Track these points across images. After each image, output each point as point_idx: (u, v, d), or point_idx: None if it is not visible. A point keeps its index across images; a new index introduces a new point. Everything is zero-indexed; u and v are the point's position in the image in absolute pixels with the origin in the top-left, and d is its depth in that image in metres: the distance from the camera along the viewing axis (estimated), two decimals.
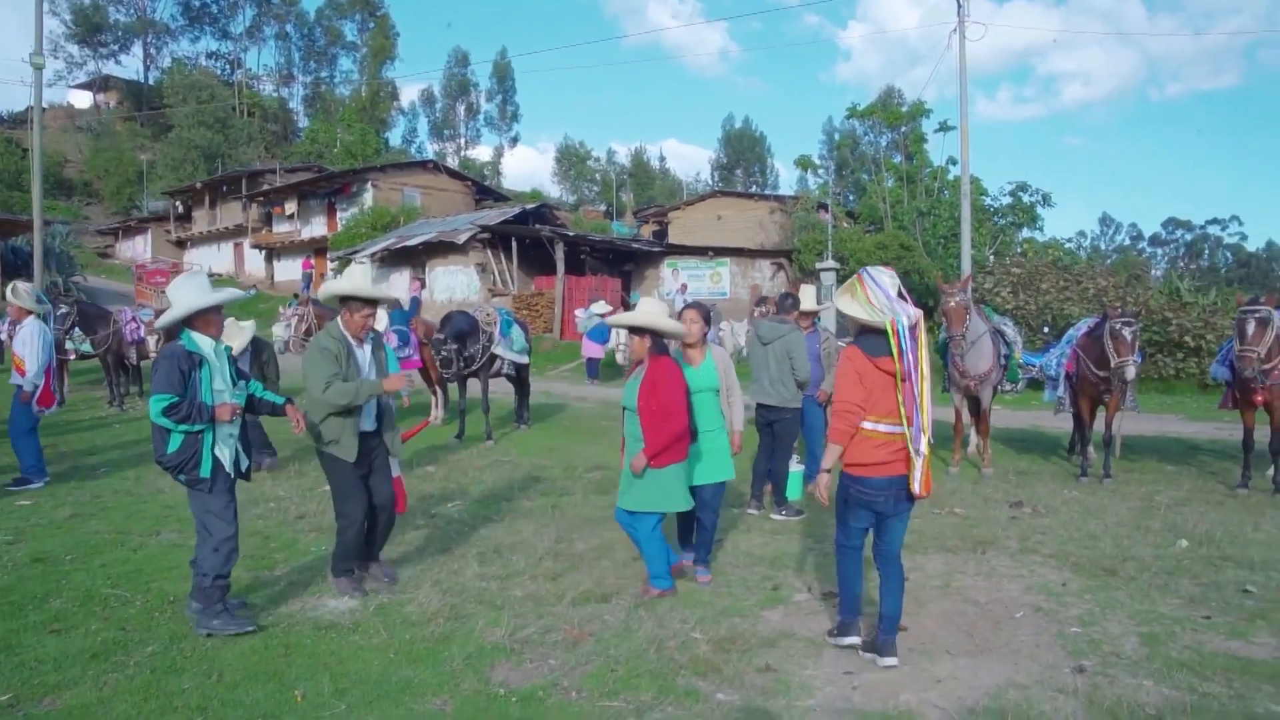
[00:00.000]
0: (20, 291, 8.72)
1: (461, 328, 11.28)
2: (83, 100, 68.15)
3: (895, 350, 4.17)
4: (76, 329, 13.94)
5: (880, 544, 4.49)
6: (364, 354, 5.36)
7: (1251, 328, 8.05)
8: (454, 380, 11.58)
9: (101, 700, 3.89)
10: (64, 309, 13.88)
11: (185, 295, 4.76)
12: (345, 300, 5.27)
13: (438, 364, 11.29)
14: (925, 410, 4.21)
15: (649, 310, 5.59)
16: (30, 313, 8.58)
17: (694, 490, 5.51)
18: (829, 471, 4.35)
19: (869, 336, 4.32)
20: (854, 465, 4.32)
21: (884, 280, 4.31)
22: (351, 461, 5.19)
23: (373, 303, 5.34)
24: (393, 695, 3.93)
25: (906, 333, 4.19)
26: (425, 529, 6.99)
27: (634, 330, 5.42)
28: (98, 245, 49.57)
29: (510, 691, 3.97)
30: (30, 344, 8.40)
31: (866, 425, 4.25)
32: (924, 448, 4.21)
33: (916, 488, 4.24)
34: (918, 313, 4.32)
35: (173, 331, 4.88)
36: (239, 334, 8.82)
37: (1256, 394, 8.35)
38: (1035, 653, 4.47)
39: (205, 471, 4.72)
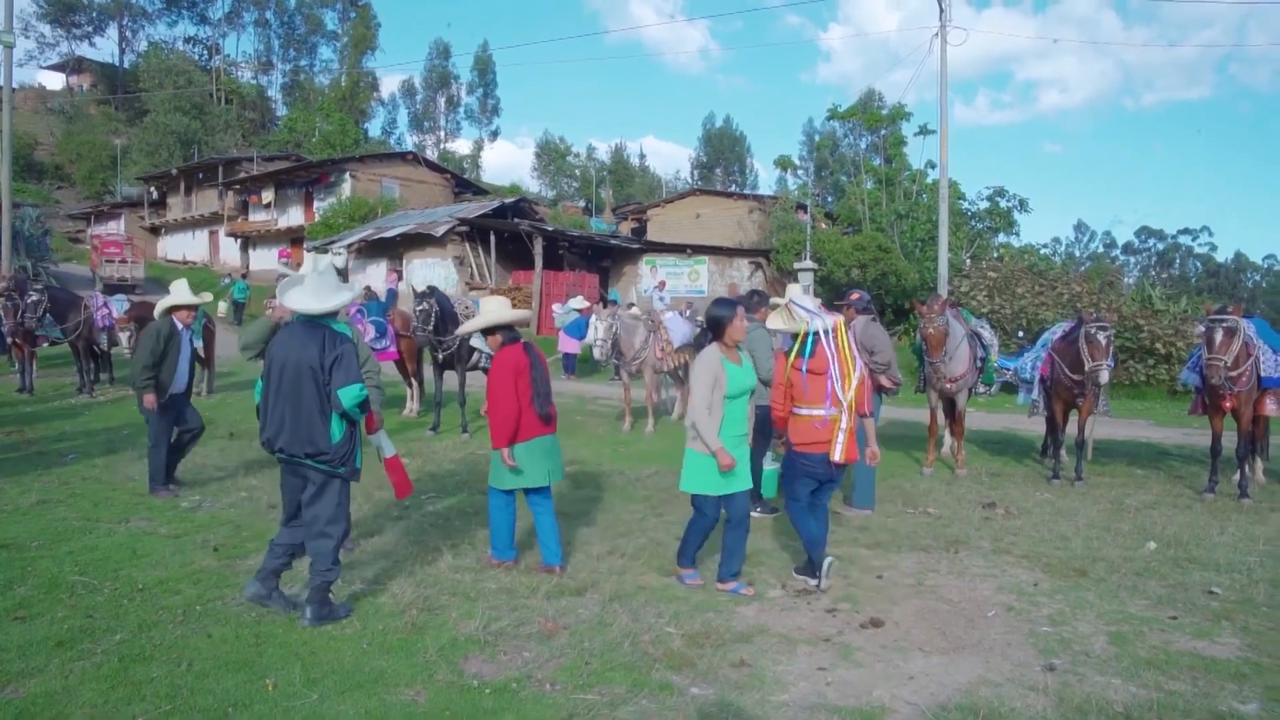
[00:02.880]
0: None
1: (445, 302, 11.58)
2: (55, 82, 67.12)
3: (816, 351, 5.43)
4: (48, 315, 13.69)
5: (815, 501, 5.62)
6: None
7: (1219, 336, 8.18)
8: (425, 344, 11.62)
9: (67, 689, 3.84)
10: (34, 295, 13.62)
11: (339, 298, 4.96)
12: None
13: (415, 317, 11.29)
14: (848, 393, 5.38)
15: (490, 311, 5.90)
16: None
17: (726, 500, 5.40)
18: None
19: (792, 342, 5.59)
20: (798, 444, 5.49)
21: (805, 301, 5.73)
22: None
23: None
24: (365, 686, 3.90)
25: (826, 336, 5.45)
26: (399, 520, 6.94)
27: (485, 331, 5.83)
28: (69, 230, 48.77)
29: (484, 683, 3.95)
30: None
31: (803, 412, 5.47)
32: (845, 424, 5.38)
33: (836, 456, 5.35)
34: (835, 319, 5.62)
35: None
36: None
37: (1224, 400, 8.48)
38: (1007, 651, 4.51)
39: (359, 462, 4.88)
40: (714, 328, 5.35)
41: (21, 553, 5.81)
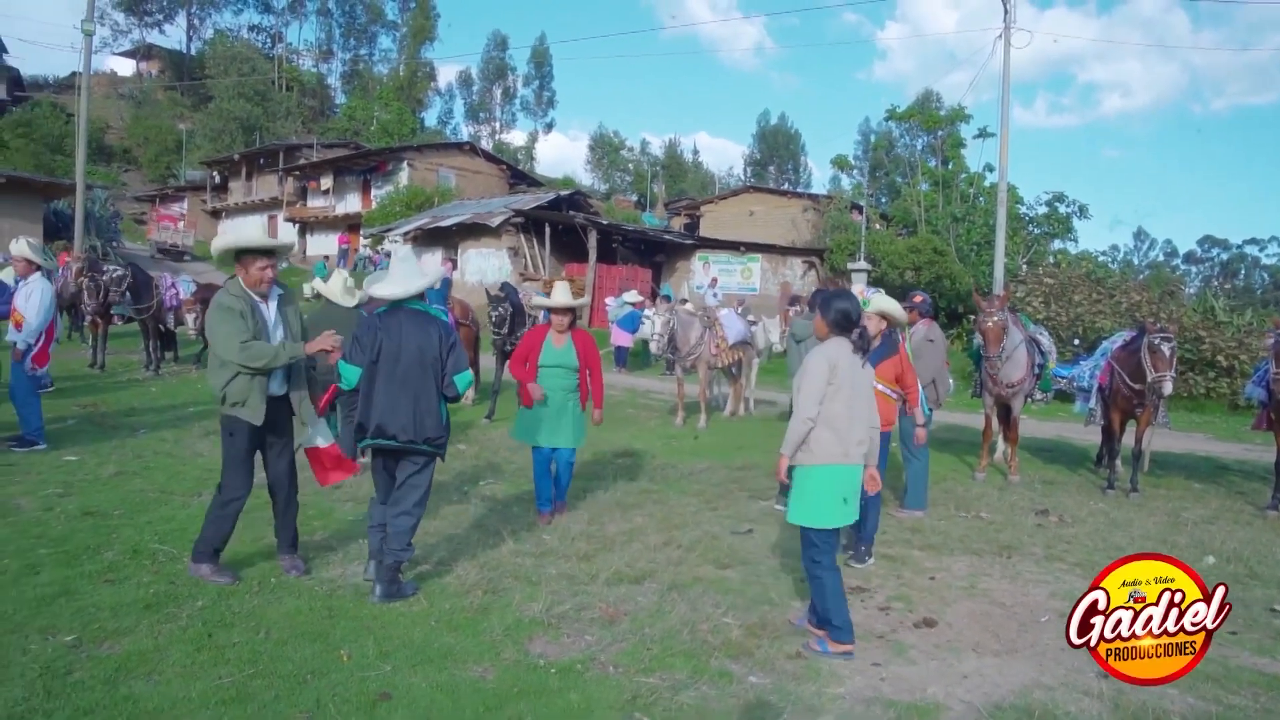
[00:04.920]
0: (25, 246, 8.55)
1: (516, 299, 12.10)
2: (125, 68, 69.01)
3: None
4: (128, 294, 14.19)
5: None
6: (269, 310, 5.07)
7: None
8: (502, 344, 11.88)
9: (158, 648, 4.06)
10: (120, 271, 14.14)
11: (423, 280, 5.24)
12: (240, 255, 5.02)
13: (491, 322, 11.70)
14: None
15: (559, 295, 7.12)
16: (37, 268, 8.40)
17: None
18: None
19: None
20: None
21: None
22: (257, 425, 4.93)
23: (269, 253, 5.04)
24: (435, 661, 4.07)
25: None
26: (459, 505, 7.13)
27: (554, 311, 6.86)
28: (135, 212, 50.21)
29: (550, 663, 4.10)
30: (34, 300, 8.24)
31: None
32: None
33: None
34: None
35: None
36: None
37: None
38: (1060, 656, 4.54)
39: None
40: (848, 321, 4.58)
41: (106, 520, 6.10)
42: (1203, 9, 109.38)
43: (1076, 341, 17.97)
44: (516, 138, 73.50)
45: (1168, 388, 8.35)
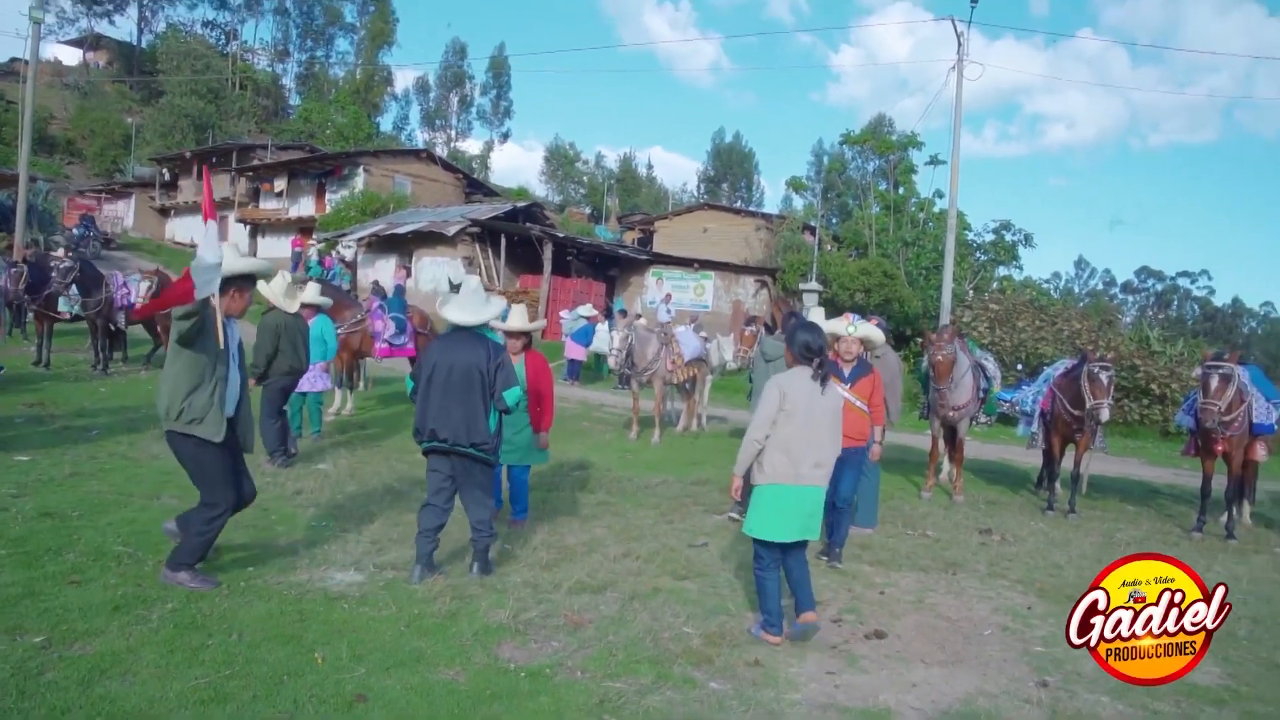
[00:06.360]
0: None
1: None
2: (71, 57, 67.24)
3: None
4: (74, 289, 13.89)
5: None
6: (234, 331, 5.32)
7: (1215, 382, 8.51)
8: None
9: (130, 649, 4.11)
10: (67, 263, 13.82)
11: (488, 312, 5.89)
12: (235, 282, 5.16)
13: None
14: None
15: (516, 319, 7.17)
16: None
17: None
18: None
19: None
20: None
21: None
22: (217, 443, 5.03)
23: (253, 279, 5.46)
24: (408, 664, 4.18)
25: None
26: None
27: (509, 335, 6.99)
28: (81, 206, 48.93)
29: (519, 667, 4.24)
30: None
31: None
32: None
33: None
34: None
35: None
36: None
37: (1217, 444, 8.82)
38: (1003, 666, 4.81)
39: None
40: (810, 353, 4.92)
41: (65, 521, 6.07)
42: (1141, 52, 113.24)
43: (1020, 367, 18.54)
44: (472, 146, 73.19)
45: (1105, 414, 8.77)
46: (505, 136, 76.54)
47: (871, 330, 7.12)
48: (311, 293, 9.71)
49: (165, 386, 5.03)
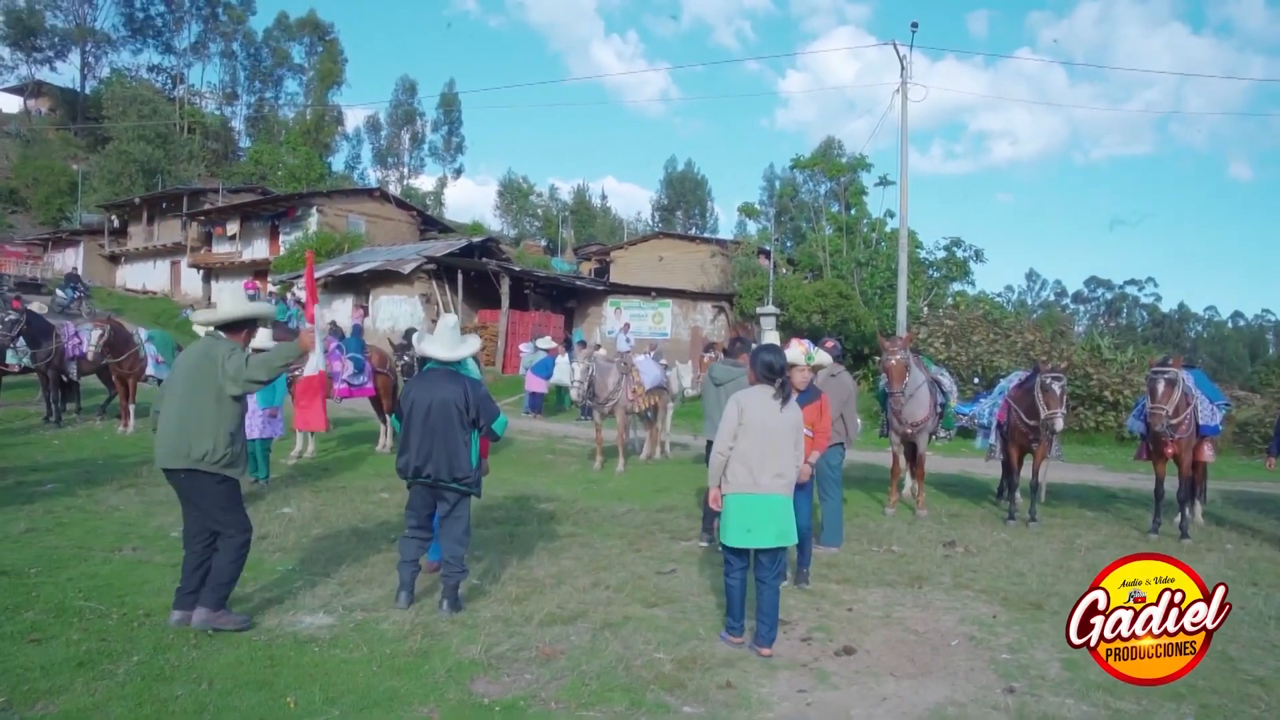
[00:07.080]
0: None
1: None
2: (12, 105, 66.28)
3: None
4: (22, 340, 13.64)
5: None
6: None
7: (1161, 387, 8.78)
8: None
9: (96, 705, 4.05)
10: (13, 316, 13.58)
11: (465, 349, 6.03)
12: (241, 325, 5.54)
13: (399, 371, 11.61)
14: None
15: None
16: None
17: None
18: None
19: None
20: None
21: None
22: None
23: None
24: (382, 704, 4.17)
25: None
26: (388, 553, 7.14)
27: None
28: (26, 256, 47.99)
29: (494, 701, 4.25)
30: None
31: None
32: None
33: None
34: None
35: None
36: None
37: (1167, 446, 9.07)
38: (970, 675, 4.90)
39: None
40: (771, 373, 5.32)
41: (22, 579, 5.95)
42: (1079, 71, 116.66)
43: (976, 380, 18.90)
44: (425, 183, 72.99)
45: (1059, 423, 8.98)
46: (458, 172, 76.53)
47: (822, 356, 7.31)
48: (263, 338, 9.64)
49: (205, 429, 5.11)
